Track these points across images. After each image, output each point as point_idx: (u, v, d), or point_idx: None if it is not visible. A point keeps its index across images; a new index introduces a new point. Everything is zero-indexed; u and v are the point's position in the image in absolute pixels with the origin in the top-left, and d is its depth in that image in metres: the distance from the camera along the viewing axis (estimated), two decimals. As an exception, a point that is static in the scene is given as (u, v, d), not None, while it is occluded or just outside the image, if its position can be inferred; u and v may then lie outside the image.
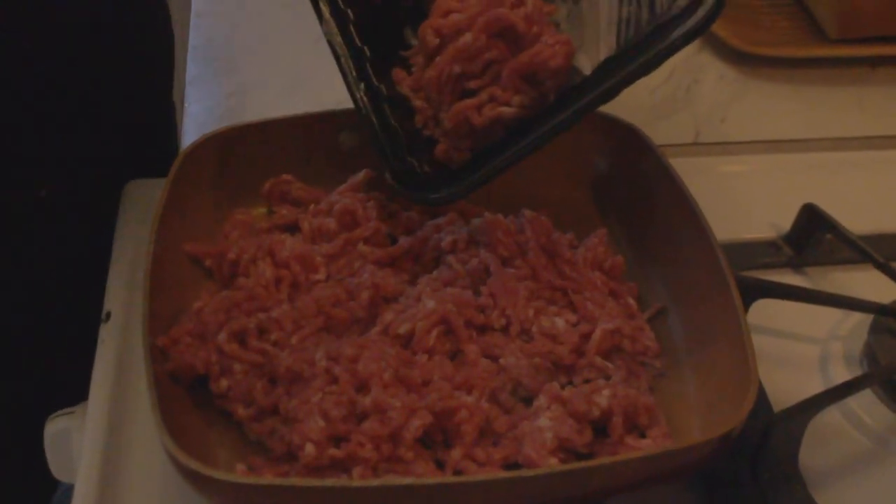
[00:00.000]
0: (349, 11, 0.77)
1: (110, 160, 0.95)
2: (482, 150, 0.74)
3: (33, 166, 0.91)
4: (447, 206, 0.77)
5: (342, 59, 0.76)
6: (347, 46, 0.77)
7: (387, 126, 0.76)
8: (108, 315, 0.79)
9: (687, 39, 0.68)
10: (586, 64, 0.72)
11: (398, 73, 0.77)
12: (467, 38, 0.72)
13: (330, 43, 0.77)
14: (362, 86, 0.76)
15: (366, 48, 0.77)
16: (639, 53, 0.69)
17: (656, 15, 0.69)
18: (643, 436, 0.67)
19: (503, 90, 0.72)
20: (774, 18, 1.13)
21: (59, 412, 0.80)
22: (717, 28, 1.09)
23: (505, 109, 0.72)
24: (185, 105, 1.00)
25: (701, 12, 0.67)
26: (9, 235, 0.92)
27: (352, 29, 0.77)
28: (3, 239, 0.92)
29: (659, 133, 0.80)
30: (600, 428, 0.67)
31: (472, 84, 0.73)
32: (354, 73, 0.76)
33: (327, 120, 0.82)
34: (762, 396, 0.72)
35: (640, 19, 0.70)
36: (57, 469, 0.83)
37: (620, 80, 0.69)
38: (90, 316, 0.80)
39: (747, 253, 0.85)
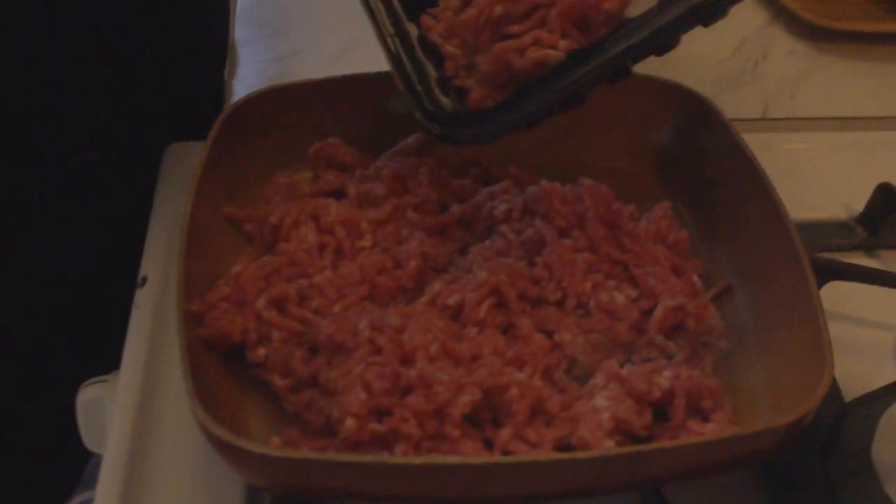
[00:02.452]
0: None
1: (157, 123, 0.94)
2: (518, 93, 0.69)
3: (82, 129, 0.89)
4: (487, 154, 0.75)
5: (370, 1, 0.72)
6: None
7: (417, 64, 0.71)
8: (145, 280, 0.77)
9: None
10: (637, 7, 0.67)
11: (427, 20, 0.71)
12: None
13: None
14: (391, 28, 0.71)
15: None
16: None
17: None
18: (706, 420, 0.64)
19: (550, 32, 0.66)
20: (848, -8, 1.09)
21: (92, 380, 0.79)
22: (789, 1, 1.05)
23: (551, 53, 0.66)
24: (233, 68, 0.98)
25: None
26: (52, 199, 0.90)
27: None
28: (46, 202, 0.90)
29: (726, 107, 0.77)
30: (660, 410, 0.64)
31: (514, 28, 0.67)
32: (384, 15, 0.72)
33: (377, 82, 0.79)
34: (832, 384, 0.68)
35: None
36: (89, 439, 0.81)
37: (671, 22, 0.64)
38: (127, 280, 0.78)
39: (817, 234, 0.82)
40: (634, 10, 0.66)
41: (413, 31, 0.71)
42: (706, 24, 0.64)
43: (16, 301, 0.91)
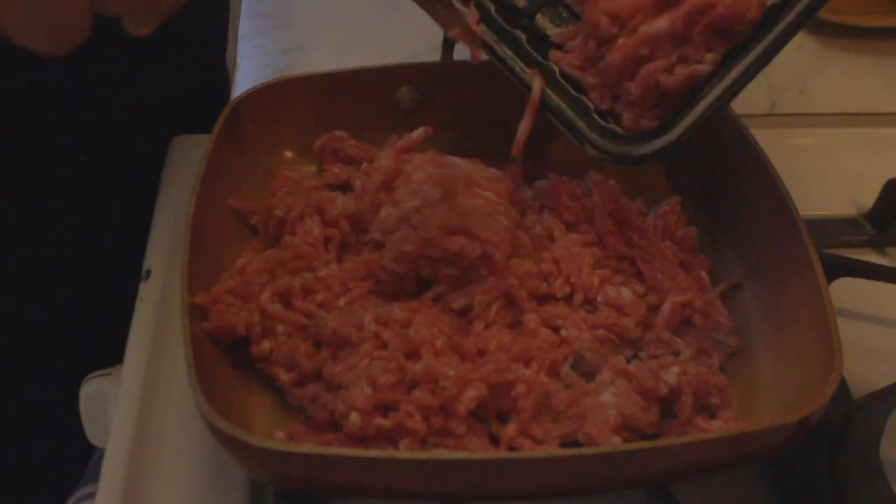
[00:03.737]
0: (489, 4, 0.73)
1: (162, 115, 0.93)
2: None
3: (87, 122, 0.88)
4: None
5: (497, 48, 0.72)
6: (498, 34, 0.72)
7: (571, 98, 0.70)
8: (149, 273, 0.77)
9: None
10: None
11: (556, 54, 0.71)
12: (663, 25, 0.66)
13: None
14: (524, 69, 0.71)
15: (518, 32, 0.72)
16: None
17: None
18: (713, 417, 0.64)
19: (695, 48, 0.66)
20: (857, -12, 1.08)
21: (95, 373, 0.78)
22: (797, -4, 1.04)
23: (700, 67, 0.66)
24: (238, 61, 0.98)
25: None
26: (56, 191, 0.90)
27: (497, 17, 0.72)
28: (50, 195, 0.90)
29: (733, 103, 0.76)
30: (667, 407, 0.64)
31: (660, 58, 0.67)
32: (518, 60, 0.71)
33: (382, 75, 0.79)
34: (841, 382, 0.67)
35: None
36: (92, 433, 0.80)
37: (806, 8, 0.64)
38: (131, 273, 0.78)
39: (825, 230, 0.82)
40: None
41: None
42: None
43: (19, 293, 0.91)
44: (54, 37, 0.54)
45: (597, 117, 0.69)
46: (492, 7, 0.72)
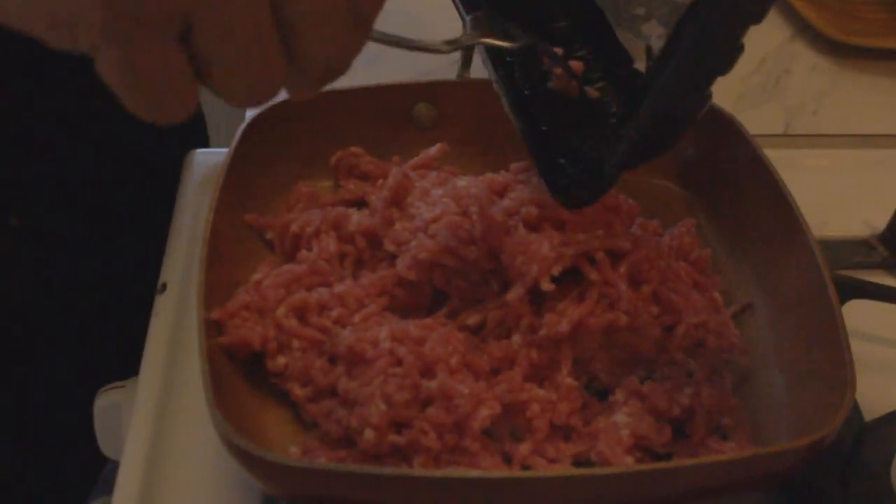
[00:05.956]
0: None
1: (177, 131, 0.93)
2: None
3: (91, 142, 0.89)
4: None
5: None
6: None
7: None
8: (164, 286, 0.77)
9: None
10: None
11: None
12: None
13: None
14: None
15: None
16: None
17: None
18: (725, 438, 0.64)
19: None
20: (871, 10, 1.09)
21: (110, 386, 0.78)
22: (812, 17, 1.05)
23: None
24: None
25: None
26: (73, 205, 0.90)
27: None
28: (67, 209, 0.90)
29: (747, 123, 0.77)
30: (679, 427, 0.64)
31: None
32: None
33: (401, 92, 0.79)
34: (853, 404, 0.67)
35: None
36: (105, 445, 0.80)
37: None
38: (147, 287, 0.78)
39: (838, 251, 0.81)
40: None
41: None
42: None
43: (35, 305, 0.91)
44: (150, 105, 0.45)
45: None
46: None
